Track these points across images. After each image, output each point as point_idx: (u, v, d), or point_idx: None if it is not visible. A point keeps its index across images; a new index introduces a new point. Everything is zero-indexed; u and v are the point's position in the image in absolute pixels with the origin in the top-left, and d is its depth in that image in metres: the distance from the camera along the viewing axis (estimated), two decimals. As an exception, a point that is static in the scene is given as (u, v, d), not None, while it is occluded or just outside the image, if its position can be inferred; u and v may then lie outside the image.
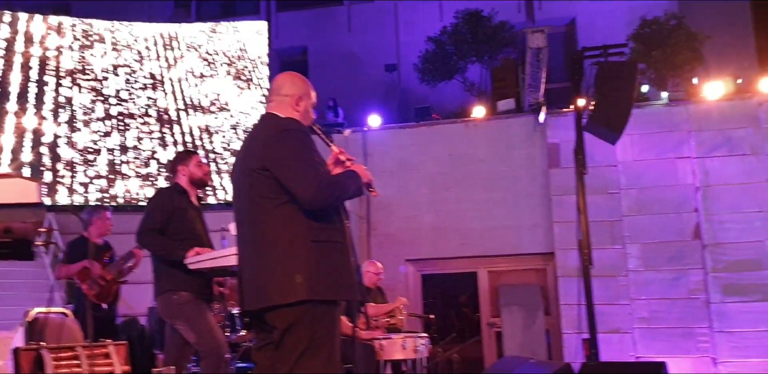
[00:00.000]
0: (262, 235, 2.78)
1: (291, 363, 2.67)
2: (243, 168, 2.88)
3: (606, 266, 8.46)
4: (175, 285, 4.22)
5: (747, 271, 8.36)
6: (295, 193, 2.70)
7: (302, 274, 2.68)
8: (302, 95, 2.98)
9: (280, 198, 2.74)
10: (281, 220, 2.74)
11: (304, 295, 2.67)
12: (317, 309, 2.70)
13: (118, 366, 3.30)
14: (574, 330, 8.11)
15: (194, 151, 4.75)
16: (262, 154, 2.79)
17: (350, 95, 11.48)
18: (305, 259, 2.70)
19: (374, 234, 9.66)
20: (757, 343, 8.18)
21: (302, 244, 2.71)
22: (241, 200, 2.89)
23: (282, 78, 3.10)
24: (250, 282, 2.80)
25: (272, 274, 2.71)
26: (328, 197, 2.71)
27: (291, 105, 2.96)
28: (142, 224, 4.30)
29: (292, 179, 2.71)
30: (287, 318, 2.68)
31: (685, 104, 9.01)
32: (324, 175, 2.76)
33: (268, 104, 3.03)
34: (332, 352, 2.74)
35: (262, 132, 2.91)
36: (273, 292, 2.70)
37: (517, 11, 11.56)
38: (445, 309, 10.51)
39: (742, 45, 10.93)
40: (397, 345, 5.01)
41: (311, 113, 3.04)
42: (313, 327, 2.68)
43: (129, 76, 10.75)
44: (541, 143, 9.33)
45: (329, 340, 2.72)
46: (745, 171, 8.60)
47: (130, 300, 7.98)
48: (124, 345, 3.57)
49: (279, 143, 2.77)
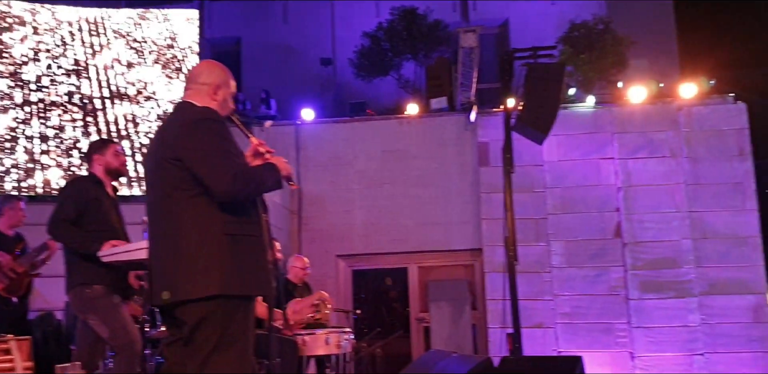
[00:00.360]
0: (173, 228, 2.69)
1: (201, 359, 2.60)
2: (155, 158, 2.78)
3: (531, 262, 8.67)
4: (88, 278, 4.09)
5: (664, 269, 8.70)
6: (209, 185, 2.63)
7: (214, 268, 2.61)
8: (220, 83, 2.91)
9: (194, 190, 2.67)
10: (194, 212, 2.67)
11: (216, 290, 2.60)
12: (229, 305, 2.64)
13: (20, 362, 3.16)
14: (499, 324, 8.27)
15: (111, 140, 4.61)
16: (174, 143, 2.70)
17: (284, 87, 11.34)
18: (218, 253, 2.63)
19: (305, 229, 9.61)
20: (671, 338, 8.53)
21: (215, 237, 2.64)
22: (153, 191, 2.80)
23: (200, 66, 3.04)
24: (160, 276, 2.72)
25: (183, 268, 2.63)
26: (243, 190, 2.64)
27: (209, 94, 2.88)
28: (54, 215, 4.15)
29: (205, 170, 2.63)
30: (197, 313, 2.61)
31: (609, 106, 9.29)
32: (239, 166, 2.69)
33: (185, 93, 2.95)
34: (244, 349, 2.68)
35: (176, 121, 2.82)
36: (183, 286, 2.62)
37: (452, 11, 11.65)
38: (376, 304, 10.55)
39: (665, 50, 11.32)
40: (321, 341, 4.99)
41: (230, 102, 2.97)
42: (225, 323, 2.62)
43: (51, 61, 10.33)
44: (472, 141, 9.46)
45: (241, 336, 2.66)
46: (665, 173, 8.94)
47: (46, 294, 7.72)
48: (27, 341, 3.42)
49: (193, 133, 2.68)
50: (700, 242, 8.72)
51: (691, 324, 8.53)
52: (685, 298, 8.61)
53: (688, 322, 8.55)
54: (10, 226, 5.68)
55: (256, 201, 2.86)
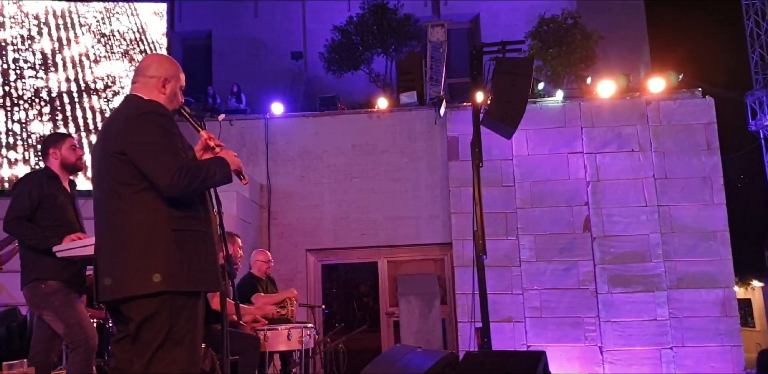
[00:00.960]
0: (118, 223, 2.65)
1: (148, 356, 2.57)
2: (101, 152, 2.74)
3: (500, 256, 8.70)
4: (43, 273, 4.03)
5: (633, 263, 8.75)
6: (153, 179, 2.60)
7: (160, 264, 2.58)
8: (169, 77, 2.88)
9: (139, 184, 2.63)
10: (139, 207, 2.63)
11: (162, 286, 2.57)
12: (176, 301, 2.61)
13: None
14: (468, 319, 8.28)
15: (68, 134, 4.53)
16: (119, 137, 2.67)
17: (255, 81, 11.28)
18: (164, 248, 2.60)
19: (275, 224, 9.56)
20: (640, 332, 8.59)
21: (161, 233, 2.61)
22: (100, 185, 2.75)
23: (149, 59, 2.99)
24: (105, 272, 2.67)
25: (128, 264, 2.60)
26: (187, 184, 2.60)
27: (157, 87, 2.85)
28: (9, 212, 4.08)
29: (149, 165, 2.60)
30: (143, 309, 2.58)
31: (578, 101, 9.32)
32: (185, 160, 2.65)
33: (132, 86, 2.92)
34: (192, 345, 2.65)
35: (122, 114, 2.78)
36: (129, 283, 2.59)
37: (423, 5, 11.65)
38: (347, 299, 10.54)
39: (635, 45, 11.40)
40: (282, 336, 4.96)
41: (179, 96, 2.93)
42: (172, 320, 2.59)
43: (17, 54, 10.17)
44: (441, 136, 9.47)
45: (189, 333, 2.63)
46: (633, 167, 9.00)
47: (11, 289, 7.61)
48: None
49: (137, 126, 2.65)
50: (668, 236, 8.79)
51: (660, 318, 8.60)
52: (653, 292, 8.67)
53: (656, 316, 8.61)
54: (-28, 221, 5.58)
55: (204, 196, 2.82)
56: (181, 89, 2.96)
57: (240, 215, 8.44)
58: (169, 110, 2.87)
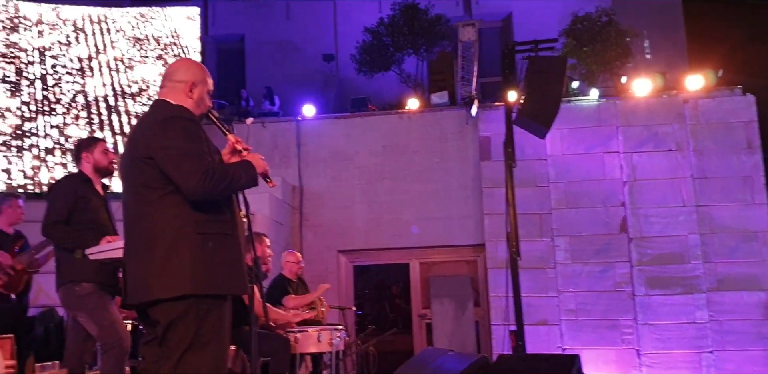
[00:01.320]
0: (145, 226, 2.67)
1: (174, 360, 2.58)
2: (128, 157, 2.77)
3: (534, 258, 8.58)
4: (77, 275, 4.09)
5: (671, 264, 8.57)
6: (178, 183, 2.61)
7: (186, 268, 2.59)
8: (196, 81, 2.89)
9: (165, 188, 2.65)
10: (165, 211, 2.64)
11: (188, 289, 2.58)
12: (202, 304, 2.61)
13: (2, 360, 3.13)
14: (502, 321, 8.18)
15: (100, 138, 4.59)
16: (146, 142, 2.69)
17: (287, 84, 11.34)
18: (189, 252, 2.60)
19: (307, 225, 9.58)
20: (678, 335, 8.41)
21: (187, 236, 2.62)
22: (127, 189, 2.78)
23: (177, 64, 3.00)
24: (133, 275, 2.69)
25: (155, 267, 2.61)
26: (212, 188, 2.60)
27: (184, 92, 2.86)
28: (47, 216, 4.15)
29: (174, 169, 2.61)
30: (170, 313, 2.59)
31: (613, 99, 9.16)
32: (210, 164, 2.66)
33: (160, 91, 2.93)
34: (219, 348, 2.65)
35: (148, 119, 2.81)
36: (155, 286, 2.60)
37: (454, 5, 11.57)
38: (380, 300, 10.52)
39: (672, 42, 11.17)
40: (312, 338, 4.95)
41: (207, 100, 2.93)
42: (198, 323, 2.59)
43: (56, 60, 10.37)
44: (473, 136, 9.38)
45: (216, 336, 2.63)
46: (670, 166, 8.81)
47: (49, 291, 7.75)
48: (10, 339, 3.40)
49: (163, 131, 2.67)
50: (707, 237, 8.58)
51: (699, 321, 8.39)
52: (692, 294, 8.47)
53: (696, 319, 8.41)
54: (10, 224, 5.69)
55: (231, 199, 2.82)
56: (209, 93, 2.97)
57: (272, 217, 8.47)
58: (197, 114, 2.88)
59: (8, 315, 5.44)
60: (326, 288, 5.85)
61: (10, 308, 5.47)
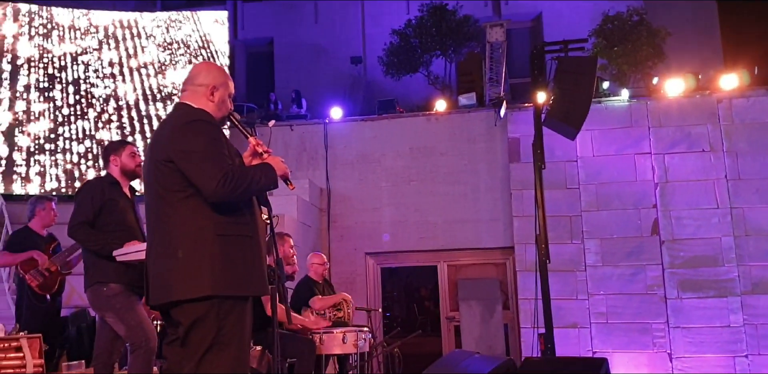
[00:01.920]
0: (166, 228, 2.70)
1: (196, 360, 2.60)
2: (150, 160, 2.80)
3: (564, 261, 8.49)
4: (105, 276, 4.13)
5: (703, 267, 8.42)
6: (199, 185, 2.63)
7: (206, 269, 2.61)
8: (217, 84, 2.90)
9: (185, 191, 2.68)
10: (186, 213, 2.67)
11: (209, 290, 2.60)
12: (223, 305, 2.63)
13: (30, 359, 3.18)
14: (531, 324, 8.09)
15: (128, 141, 4.64)
16: (166, 145, 2.72)
17: (315, 86, 11.39)
18: (210, 253, 2.63)
19: (334, 227, 9.60)
20: (712, 339, 8.25)
21: (207, 238, 2.64)
22: (150, 192, 2.80)
23: (198, 68, 3.01)
24: (155, 277, 2.72)
25: (176, 269, 2.64)
26: (232, 190, 2.62)
27: (205, 95, 2.88)
28: (72, 218, 4.20)
29: (194, 172, 2.64)
30: (191, 313, 2.62)
31: (645, 100, 9.03)
32: (229, 167, 2.68)
33: (182, 94, 2.95)
34: (240, 349, 2.67)
35: (169, 123, 2.84)
36: (177, 287, 2.63)
37: (483, 6, 11.51)
38: (408, 302, 10.49)
39: (706, 42, 10.97)
40: (338, 340, 4.94)
41: (228, 103, 2.95)
42: (219, 324, 2.61)
43: (87, 64, 10.56)
44: (502, 137, 9.31)
45: (236, 337, 2.65)
46: (703, 168, 8.65)
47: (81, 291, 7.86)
48: (38, 338, 3.45)
49: (183, 134, 2.70)
50: (742, 240, 8.41)
51: (734, 325, 8.23)
52: (726, 297, 8.31)
53: (730, 322, 8.24)
54: (43, 226, 5.79)
55: (251, 201, 2.83)
56: (230, 96, 2.98)
57: (300, 219, 8.51)
58: (218, 117, 2.90)
59: (42, 315, 5.53)
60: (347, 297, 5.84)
61: (45, 308, 5.56)
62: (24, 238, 5.63)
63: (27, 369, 3.17)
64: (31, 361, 3.16)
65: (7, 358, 3.14)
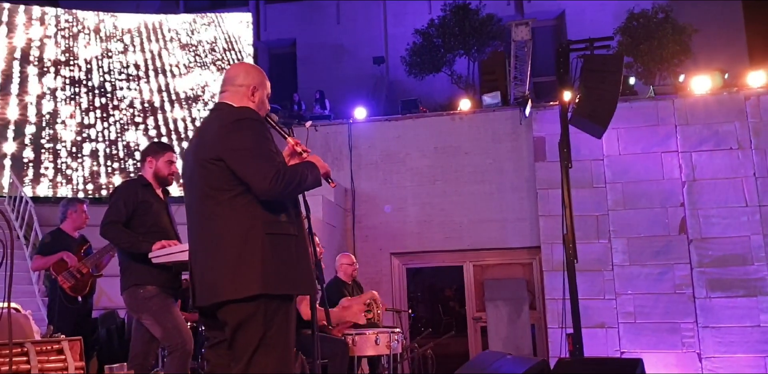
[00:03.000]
0: (214, 228, 2.67)
1: (245, 360, 2.57)
2: (195, 159, 2.77)
3: (591, 260, 8.43)
4: (141, 279, 4.14)
5: (732, 266, 8.33)
6: (251, 183, 2.61)
7: (256, 268, 2.59)
8: (257, 85, 2.89)
9: (234, 190, 2.65)
10: (235, 212, 2.65)
11: (257, 290, 2.57)
12: (271, 305, 2.60)
13: (72, 361, 3.21)
14: (559, 324, 8.05)
15: (170, 146, 4.63)
16: (215, 144, 2.69)
17: (338, 87, 11.41)
18: (260, 253, 2.60)
19: (359, 227, 9.60)
20: (742, 339, 8.15)
21: (257, 237, 2.62)
22: (193, 191, 2.78)
23: (237, 68, 3.00)
24: (202, 277, 2.70)
25: (225, 268, 2.61)
26: (284, 188, 2.61)
27: (246, 95, 2.87)
28: (106, 217, 4.21)
29: (247, 169, 2.61)
30: (240, 313, 2.59)
31: (671, 97, 8.94)
32: (281, 165, 2.67)
33: (222, 95, 2.93)
34: (286, 348, 2.64)
35: (215, 122, 2.80)
36: (225, 287, 2.60)
37: (506, 4, 11.47)
38: (432, 302, 10.47)
39: (731, 39, 10.84)
40: (370, 341, 4.93)
41: (266, 103, 2.94)
42: (266, 324, 2.59)
43: (113, 67, 10.65)
44: (527, 136, 9.27)
45: (283, 337, 2.63)
46: (731, 166, 8.55)
47: (111, 293, 7.94)
48: (79, 341, 3.48)
49: (234, 132, 2.67)
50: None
51: (764, 324, 8.12)
52: (756, 297, 8.21)
53: (760, 322, 8.14)
54: (75, 228, 5.83)
55: (296, 200, 2.83)
56: (268, 97, 2.98)
57: (326, 219, 8.52)
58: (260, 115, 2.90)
59: (74, 317, 5.58)
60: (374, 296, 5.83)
61: (77, 309, 5.61)
62: (56, 240, 5.67)
63: (69, 371, 3.20)
64: (72, 364, 3.18)
65: (49, 361, 3.17)
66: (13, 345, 2.53)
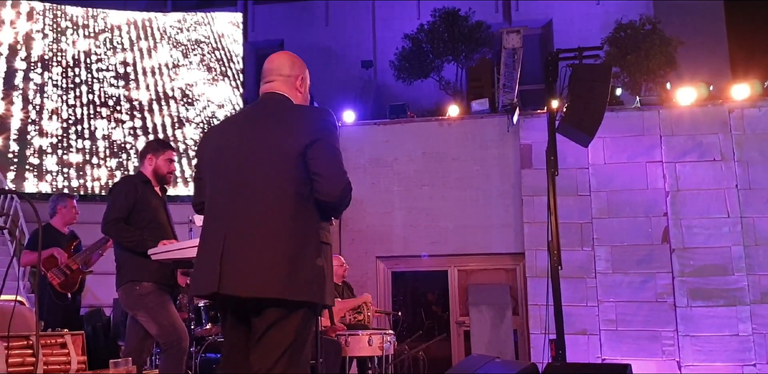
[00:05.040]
0: (279, 223, 2.50)
1: (274, 359, 2.49)
2: (273, 147, 2.56)
3: (575, 267, 8.51)
4: (138, 275, 4.14)
5: (713, 276, 8.44)
6: (326, 185, 2.52)
7: (310, 275, 2.52)
8: (304, 75, 2.81)
9: (306, 190, 2.54)
10: (302, 215, 2.52)
11: (307, 296, 2.51)
12: (310, 311, 2.57)
13: (75, 356, 3.20)
14: (541, 330, 8.11)
15: (171, 145, 4.62)
16: (310, 137, 2.53)
17: (326, 90, 11.41)
18: (317, 260, 2.54)
19: (346, 230, 9.60)
20: (721, 347, 8.27)
21: (315, 244, 2.54)
22: (256, 177, 2.56)
23: (282, 58, 2.86)
24: (249, 267, 2.50)
25: (283, 267, 2.48)
26: (346, 198, 2.59)
27: (294, 86, 2.76)
28: (108, 214, 4.21)
29: (330, 171, 2.53)
30: (283, 313, 2.51)
31: (657, 108, 9.07)
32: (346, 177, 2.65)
33: (269, 84, 2.77)
34: (308, 354, 2.64)
35: (294, 109, 2.67)
36: (284, 285, 2.47)
37: (494, 12, 11.57)
38: (414, 306, 10.49)
39: (715, 52, 11.05)
40: (363, 342, 4.95)
41: (308, 95, 2.86)
42: (300, 328, 2.53)
43: (101, 64, 10.57)
44: (514, 143, 9.35)
45: (307, 342, 2.61)
46: (714, 177, 8.69)
47: (96, 291, 7.88)
48: (81, 335, 3.47)
49: (329, 132, 2.58)
50: (752, 249, 8.43)
51: (743, 334, 8.25)
52: (735, 306, 8.34)
53: (739, 331, 8.26)
54: (65, 224, 5.81)
55: None
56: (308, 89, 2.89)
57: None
58: None
59: (63, 313, 5.54)
60: (369, 299, 5.86)
61: (66, 306, 5.57)
62: (45, 235, 5.63)
63: (71, 365, 3.18)
64: (75, 358, 3.17)
65: (53, 354, 3.14)
66: (18, 337, 2.53)
